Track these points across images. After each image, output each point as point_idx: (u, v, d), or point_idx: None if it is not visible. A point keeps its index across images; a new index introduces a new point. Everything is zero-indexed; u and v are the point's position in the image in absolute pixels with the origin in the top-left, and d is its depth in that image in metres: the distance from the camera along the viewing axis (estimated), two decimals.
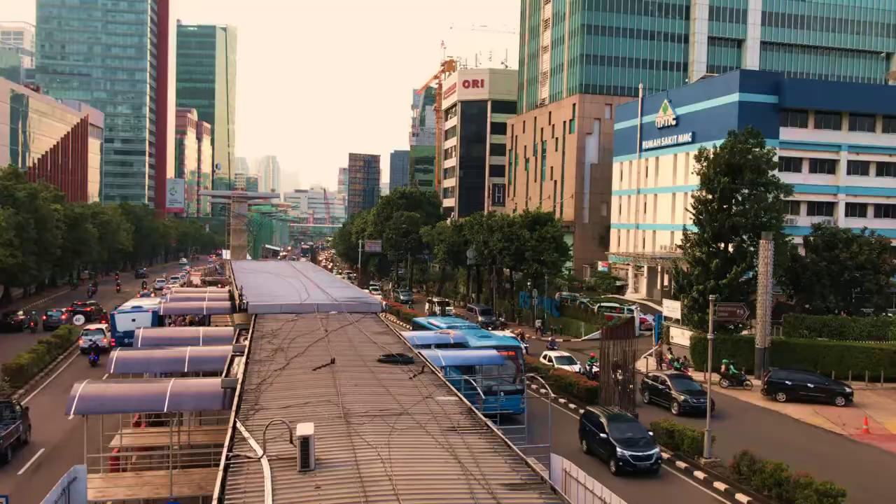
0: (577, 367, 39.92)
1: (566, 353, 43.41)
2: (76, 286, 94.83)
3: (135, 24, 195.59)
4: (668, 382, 35.10)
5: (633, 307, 60.77)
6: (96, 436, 20.90)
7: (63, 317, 58.24)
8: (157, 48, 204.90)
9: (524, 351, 37.85)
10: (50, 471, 24.11)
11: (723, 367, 40.31)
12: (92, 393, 18.45)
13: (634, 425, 26.76)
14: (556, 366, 39.80)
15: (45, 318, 58.03)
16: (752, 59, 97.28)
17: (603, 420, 26.76)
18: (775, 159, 46.13)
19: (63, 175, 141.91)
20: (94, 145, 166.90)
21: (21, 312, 60.37)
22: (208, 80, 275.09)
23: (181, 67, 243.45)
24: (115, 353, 23.79)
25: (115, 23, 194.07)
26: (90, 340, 44.74)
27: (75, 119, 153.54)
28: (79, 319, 56.82)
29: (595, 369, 38.01)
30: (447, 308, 67.13)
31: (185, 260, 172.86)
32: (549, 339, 52.57)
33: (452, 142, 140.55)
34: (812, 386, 36.98)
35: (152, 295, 69.18)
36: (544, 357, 42.10)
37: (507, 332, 48.82)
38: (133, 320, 40.18)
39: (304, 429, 11.97)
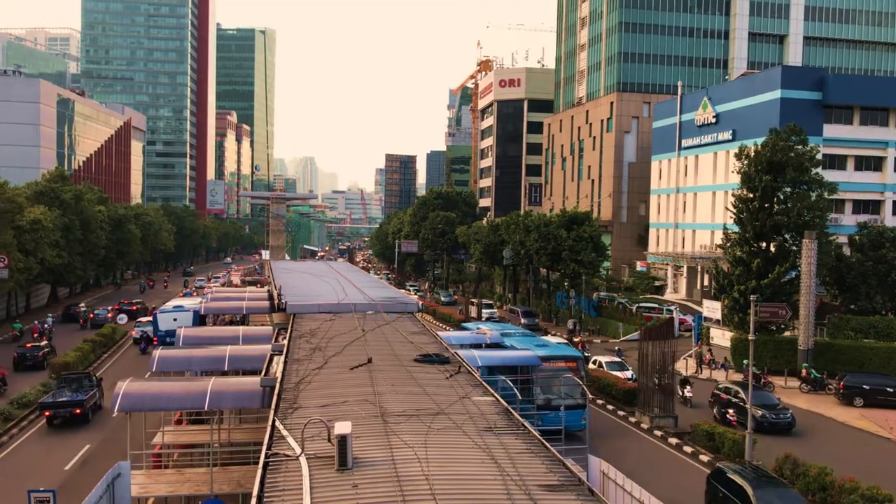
0: (629, 374, 37.64)
1: (617, 359, 41.29)
2: (120, 286, 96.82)
3: (176, 29, 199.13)
4: (743, 395, 31.42)
5: (672, 307, 60.03)
6: (139, 433, 21.29)
7: (109, 315, 60.09)
8: (198, 52, 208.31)
9: (585, 361, 35.41)
10: (98, 467, 24.64)
11: (803, 371, 38.91)
12: (135, 391, 18.81)
13: (790, 497, 19.67)
14: (606, 371, 37.90)
15: (92, 315, 60.13)
16: (794, 54, 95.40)
17: (747, 489, 19.54)
18: (819, 157, 45.17)
19: (107, 177, 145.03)
20: (136, 148, 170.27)
21: (83, 305, 65.73)
22: (247, 82, 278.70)
23: (221, 70, 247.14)
24: (157, 352, 24.20)
25: (157, 27, 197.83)
26: (142, 332, 48.23)
27: (118, 122, 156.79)
28: (122, 319, 58.06)
29: (688, 394, 35.81)
30: (490, 310, 65.70)
31: (229, 259, 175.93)
32: (578, 340, 49.84)
33: (489, 141, 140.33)
34: (892, 390, 35.41)
35: (194, 294, 70.93)
36: (594, 362, 40.12)
37: (556, 338, 45.58)
38: (175, 319, 40.97)
39: (342, 427, 12.03)
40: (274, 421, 14.38)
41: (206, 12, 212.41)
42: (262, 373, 21.82)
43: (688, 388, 35.45)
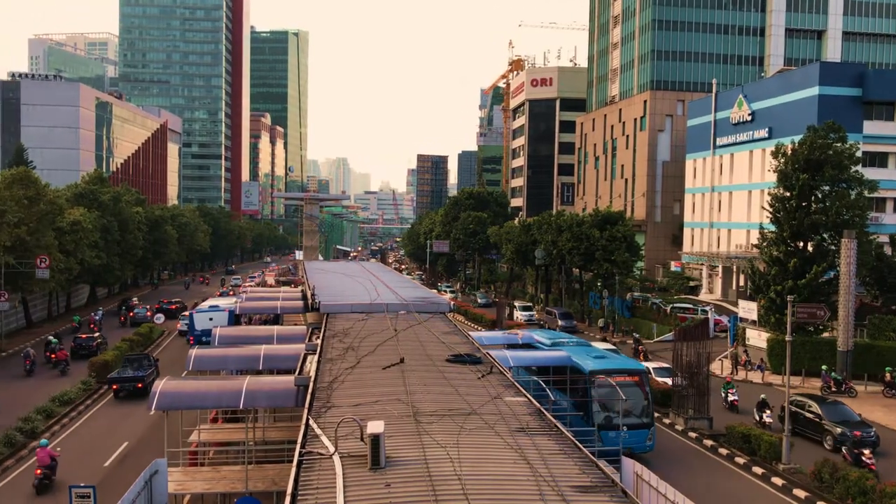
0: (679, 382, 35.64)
1: (665, 364, 38.38)
2: (157, 286, 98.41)
3: (211, 32, 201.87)
4: (818, 409, 29.21)
5: (707, 308, 59.30)
6: (176, 431, 21.62)
7: (148, 314, 61.61)
8: (232, 54, 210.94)
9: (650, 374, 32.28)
10: (137, 464, 25.10)
11: (887, 375, 37.52)
12: (172, 389, 19.11)
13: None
14: (653, 378, 35.49)
15: (132, 314, 62.03)
16: (833, 50, 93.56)
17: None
18: (858, 154, 44.35)
19: (144, 179, 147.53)
20: (172, 150, 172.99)
21: (135, 299, 72.32)
22: (281, 84, 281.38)
23: (255, 73, 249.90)
24: (194, 351, 24.54)
25: (192, 31, 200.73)
26: (187, 325, 49.85)
27: (155, 125, 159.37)
28: (159, 318, 58.96)
29: (732, 398, 34.00)
30: (529, 312, 64.61)
31: (269, 259, 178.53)
32: (641, 349, 46.20)
33: (520, 141, 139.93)
34: None
35: (231, 293, 72.32)
36: None
37: (604, 343, 43.11)
38: (210, 319, 41.54)
39: (375, 427, 12.11)
40: (308, 420, 14.52)
41: (240, 15, 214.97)
42: (296, 372, 22.04)
43: (767, 412, 30.98)
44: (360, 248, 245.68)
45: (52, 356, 42.49)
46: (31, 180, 52.31)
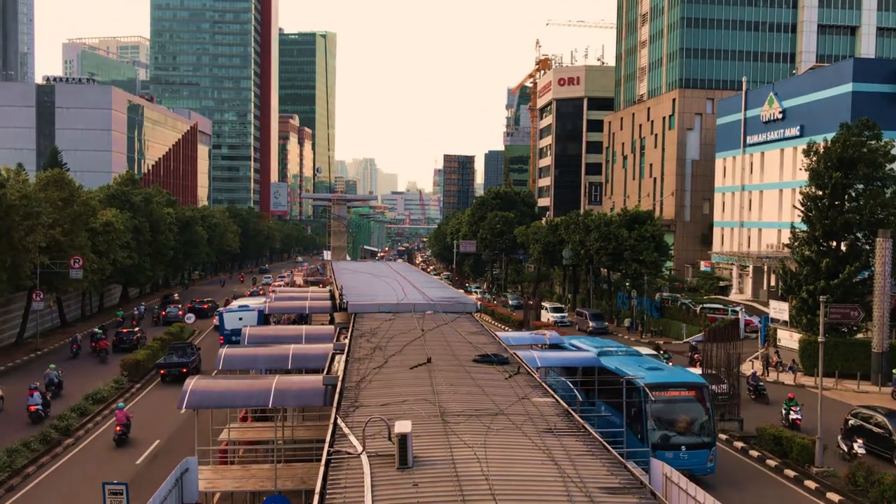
0: (724, 387, 32.39)
1: (711, 372, 35.51)
2: (188, 286, 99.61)
3: (240, 35, 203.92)
4: (889, 425, 26.57)
5: (737, 308, 58.62)
6: (206, 429, 21.87)
7: (180, 313, 62.56)
8: (261, 56, 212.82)
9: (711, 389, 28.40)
10: (167, 462, 25.45)
11: None
12: (202, 388, 19.32)
13: None
14: None
15: (164, 313, 63.20)
16: (867, 46, 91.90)
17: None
18: (894, 152, 43.47)
19: (174, 180, 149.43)
20: (202, 151, 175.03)
21: (176, 295, 76.43)
22: (309, 86, 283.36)
23: (283, 74, 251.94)
24: (224, 351, 24.77)
25: (221, 34, 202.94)
26: None
27: (185, 127, 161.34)
28: (190, 318, 59.67)
29: (794, 416, 30.57)
30: (561, 314, 63.69)
31: (300, 258, 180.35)
32: (697, 357, 41.68)
33: (547, 140, 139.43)
34: None
35: (261, 293, 73.50)
36: None
37: (644, 347, 39.98)
38: (240, 319, 42.03)
39: (402, 426, 12.14)
40: (336, 419, 14.60)
41: (268, 18, 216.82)
42: (325, 371, 22.17)
43: (858, 442, 26.65)
44: (387, 249, 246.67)
45: (96, 345, 46.93)
46: (65, 182, 53.30)
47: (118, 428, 28.42)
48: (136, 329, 51.75)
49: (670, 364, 41.85)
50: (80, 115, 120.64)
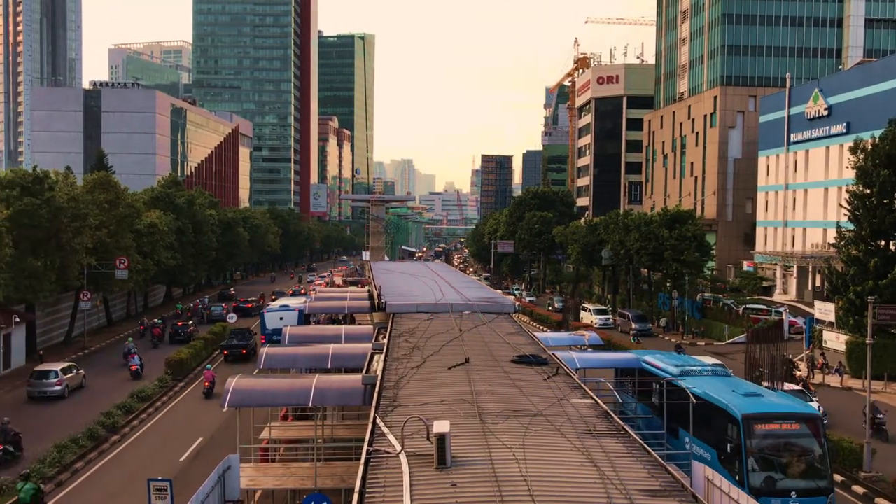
0: (815, 404, 28.83)
1: (797, 386, 31.88)
2: (229, 286, 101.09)
3: (280, 38, 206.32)
4: None
5: (781, 309, 57.48)
6: (248, 428, 22.18)
7: (224, 310, 63.93)
8: (301, 59, 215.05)
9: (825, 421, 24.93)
10: (209, 460, 25.87)
11: None
12: (244, 387, 19.60)
13: None
14: None
15: (208, 312, 65.31)
16: None
17: None
18: None
19: (217, 182, 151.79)
20: (244, 153, 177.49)
21: (232, 290, 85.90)
22: (348, 87, 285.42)
23: (322, 77, 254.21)
24: (265, 350, 25.13)
25: (262, 37, 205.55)
26: None
27: (227, 129, 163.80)
28: (232, 318, 60.53)
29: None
30: (605, 316, 62.31)
31: (345, 258, 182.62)
32: (799, 375, 38.49)
33: (586, 139, 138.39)
34: None
35: (302, 291, 75.03)
36: None
37: (710, 358, 33.40)
38: (281, 318, 42.44)
39: (441, 426, 12.16)
40: (375, 418, 14.69)
41: (308, 21, 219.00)
42: (364, 371, 22.33)
43: None
44: (424, 249, 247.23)
45: (153, 332, 52.95)
46: (111, 184, 54.53)
47: (206, 384, 36.45)
48: (191, 322, 56.40)
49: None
50: (125, 118, 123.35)
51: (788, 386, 30.40)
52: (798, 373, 37.62)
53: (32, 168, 46.70)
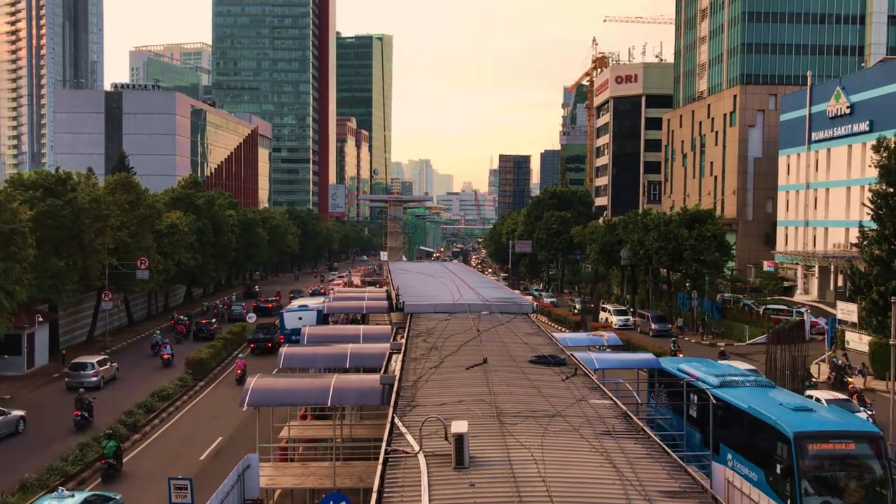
0: (863, 415, 26.67)
1: (841, 395, 29.82)
2: (249, 286, 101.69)
3: (298, 39, 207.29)
4: None
5: (802, 309, 56.91)
6: (267, 427, 22.30)
7: (244, 309, 64.69)
8: (319, 60, 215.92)
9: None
10: (229, 458, 26.05)
11: None
12: (263, 386, 19.72)
13: None
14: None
15: (228, 311, 66.22)
16: None
17: None
18: None
19: (236, 182, 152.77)
20: (263, 154, 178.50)
21: (257, 287, 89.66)
22: (366, 88, 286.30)
23: (340, 77, 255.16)
24: (284, 350, 25.27)
25: (281, 38, 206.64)
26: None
27: (246, 130, 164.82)
28: (251, 318, 60.93)
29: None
30: (624, 317, 61.58)
31: (365, 257, 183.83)
32: (850, 381, 36.62)
33: (605, 139, 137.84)
34: None
35: (321, 291, 75.87)
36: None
37: (742, 363, 33.46)
38: (300, 318, 42.74)
39: (459, 426, 12.17)
40: (393, 418, 14.73)
41: (326, 22, 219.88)
42: (382, 370, 22.39)
43: None
44: (442, 249, 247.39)
45: (177, 328, 55.58)
46: (132, 185, 55.07)
47: (238, 371, 39.34)
48: (213, 321, 57.77)
49: (679, 354, 39.40)
50: (145, 120, 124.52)
51: (833, 394, 29.28)
52: (850, 381, 36.23)
53: (55, 169, 47.32)
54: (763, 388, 22.21)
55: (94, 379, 37.82)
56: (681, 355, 35.48)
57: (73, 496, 19.50)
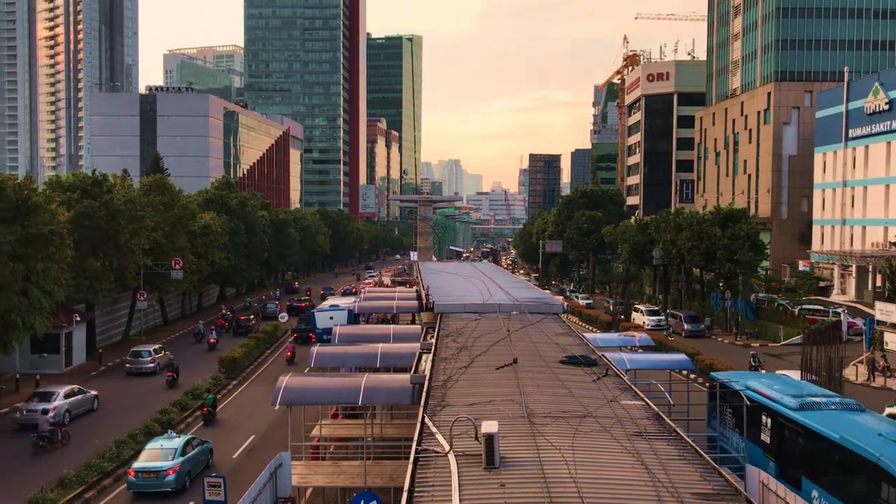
0: None
1: (813, 378, 28.80)
2: (280, 286, 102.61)
3: (329, 41, 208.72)
4: None
5: (839, 310, 55.87)
6: (299, 426, 22.48)
7: (277, 308, 65.49)
8: (349, 62, 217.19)
9: None
10: (259, 457, 26.30)
11: None
12: (295, 385, 19.90)
13: None
14: None
15: (263, 310, 66.97)
16: None
17: None
18: None
19: (268, 183, 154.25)
20: (294, 155, 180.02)
21: (296, 283, 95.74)
22: (396, 89, 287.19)
23: (371, 79, 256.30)
24: (315, 349, 25.45)
25: (311, 40, 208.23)
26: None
27: (278, 132, 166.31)
28: (283, 317, 61.43)
29: None
30: (657, 317, 60.70)
31: (398, 256, 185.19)
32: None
33: (636, 137, 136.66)
34: None
35: (353, 291, 77.45)
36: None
37: (794, 372, 30.93)
38: (331, 318, 43.10)
39: (489, 426, 12.16)
40: (423, 418, 14.75)
41: (356, 23, 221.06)
42: (412, 370, 22.46)
43: None
44: (472, 249, 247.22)
45: (220, 323, 58.32)
46: (167, 187, 55.90)
47: (288, 353, 43.93)
48: (252, 318, 59.52)
49: (761, 370, 37.66)
50: (179, 122, 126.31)
51: None
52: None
53: (92, 171, 48.20)
54: (852, 412, 19.29)
55: (151, 365, 41.30)
56: (762, 371, 31.72)
57: (178, 437, 24.69)
